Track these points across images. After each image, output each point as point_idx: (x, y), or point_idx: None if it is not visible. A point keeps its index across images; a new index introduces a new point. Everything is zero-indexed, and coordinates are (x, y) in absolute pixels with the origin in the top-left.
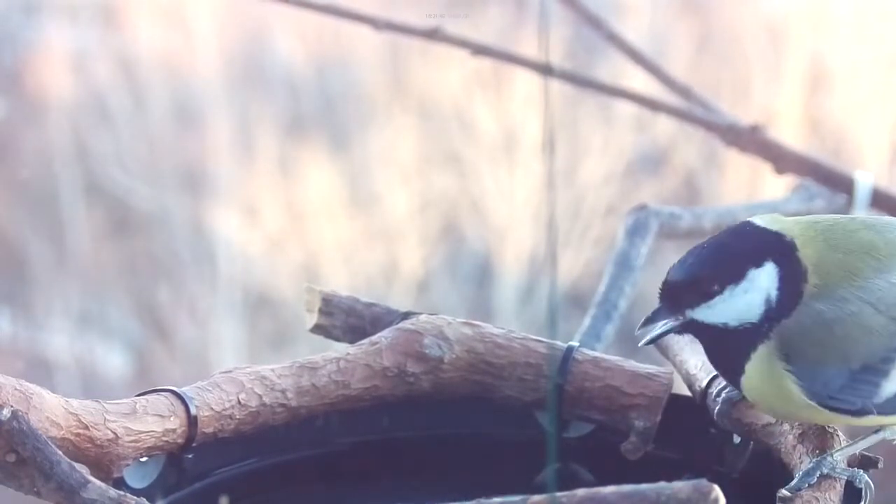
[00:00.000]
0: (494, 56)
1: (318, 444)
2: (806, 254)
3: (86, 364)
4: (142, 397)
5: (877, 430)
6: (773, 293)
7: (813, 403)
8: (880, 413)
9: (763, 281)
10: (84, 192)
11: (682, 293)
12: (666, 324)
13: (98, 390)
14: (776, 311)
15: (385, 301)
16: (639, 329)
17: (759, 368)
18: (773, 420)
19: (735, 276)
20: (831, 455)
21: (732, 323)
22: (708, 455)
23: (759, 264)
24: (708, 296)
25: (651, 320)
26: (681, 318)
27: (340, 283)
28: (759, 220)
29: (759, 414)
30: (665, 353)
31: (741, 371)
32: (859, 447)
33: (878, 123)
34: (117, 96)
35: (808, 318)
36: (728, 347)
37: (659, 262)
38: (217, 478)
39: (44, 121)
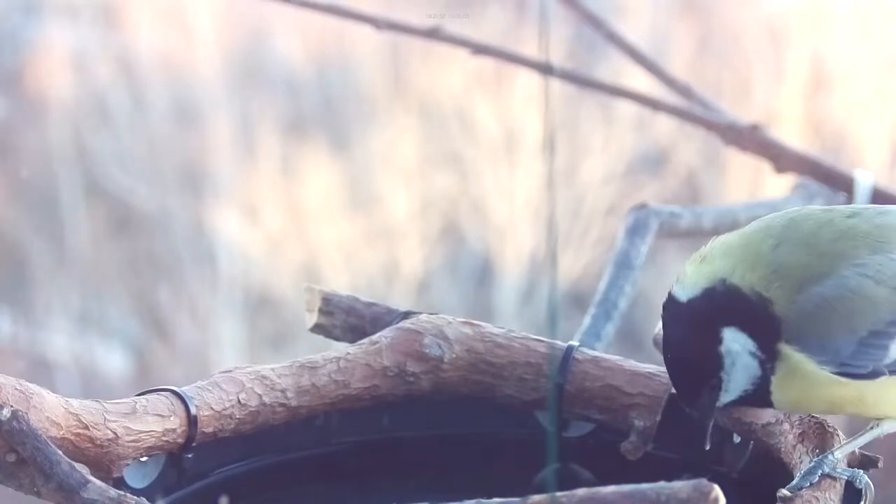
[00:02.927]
0: (495, 56)
1: (318, 444)
2: (752, 281)
3: (86, 364)
4: (142, 397)
5: (874, 425)
6: (751, 345)
7: (827, 372)
8: (892, 373)
9: (736, 346)
10: (84, 192)
11: (694, 398)
12: (707, 425)
13: (98, 390)
14: (769, 349)
15: (385, 301)
16: (708, 445)
17: (781, 373)
18: (773, 420)
19: (716, 363)
20: (832, 454)
21: (743, 393)
22: (708, 455)
23: (725, 337)
24: (716, 388)
25: (703, 433)
26: (710, 415)
27: (341, 283)
28: (681, 293)
29: (759, 413)
30: None
31: (769, 390)
32: (859, 443)
33: (879, 123)
34: (117, 96)
35: (809, 304)
36: (755, 401)
37: (659, 262)
38: (217, 478)
39: (44, 121)
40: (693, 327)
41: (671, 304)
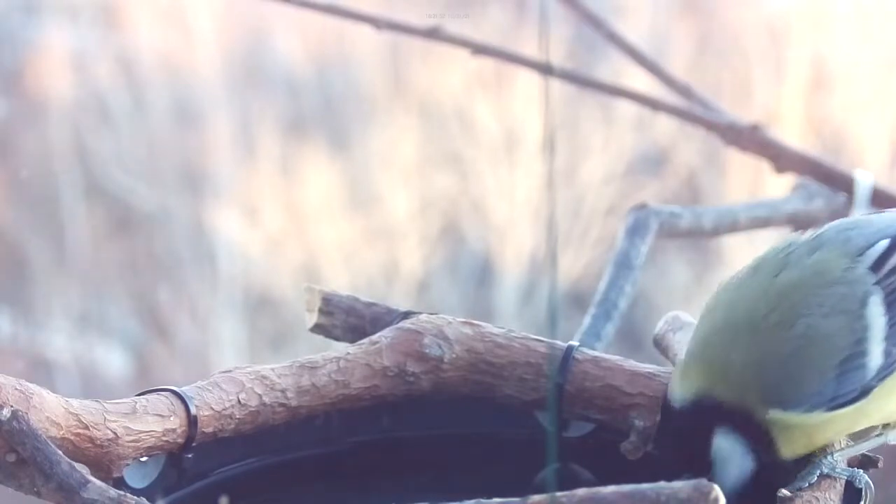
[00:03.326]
0: (495, 56)
1: (318, 444)
2: (727, 395)
3: (86, 364)
4: (142, 397)
5: (878, 433)
6: (740, 441)
7: (820, 412)
8: (881, 380)
9: (727, 450)
10: (84, 192)
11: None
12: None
13: (98, 390)
14: (755, 441)
15: (385, 301)
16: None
17: (779, 436)
18: None
19: (705, 462)
20: (831, 455)
21: (745, 478)
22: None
23: (708, 443)
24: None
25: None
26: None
27: (340, 283)
28: (674, 400)
29: None
30: (665, 352)
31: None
32: (860, 449)
33: (879, 123)
34: (117, 96)
35: (771, 374)
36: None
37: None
38: (217, 478)
39: (44, 121)
40: (684, 433)
41: (665, 408)
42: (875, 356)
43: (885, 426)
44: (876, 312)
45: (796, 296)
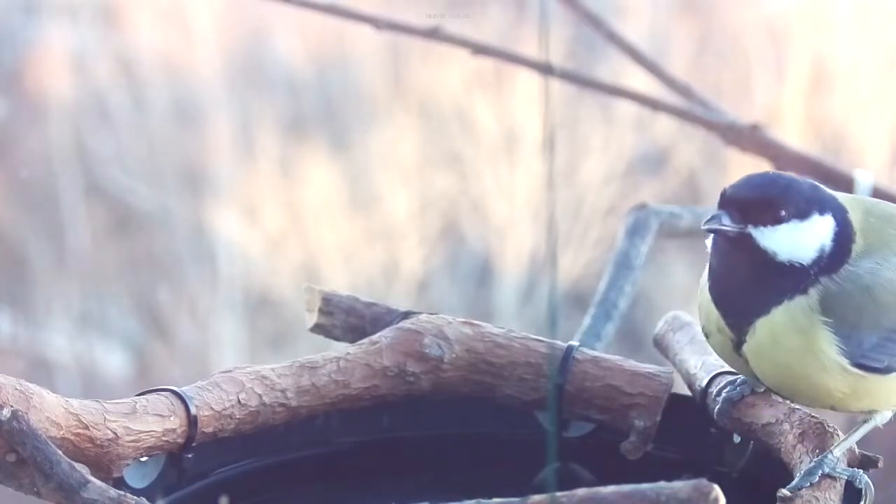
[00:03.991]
0: (495, 56)
1: (318, 444)
2: (855, 217)
3: (86, 364)
4: (142, 397)
5: (867, 419)
6: (828, 244)
7: (845, 362)
8: None
9: (822, 228)
10: (84, 192)
11: (751, 208)
12: (729, 226)
13: (98, 390)
14: (826, 263)
15: (385, 301)
16: (704, 223)
17: (789, 316)
18: (773, 420)
19: (803, 212)
20: (831, 453)
21: (782, 256)
22: (708, 455)
23: (822, 212)
24: (776, 220)
25: (715, 219)
26: (740, 227)
27: (340, 283)
28: (813, 182)
29: (759, 413)
30: (665, 352)
31: (763, 312)
32: (856, 437)
33: (879, 123)
34: (117, 96)
35: (850, 284)
36: (759, 282)
37: (659, 262)
38: (217, 478)
39: (44, 121)
40: (812, 188)
41: (804, 178)
42: None
43: (871, 413)
44: None
45: None
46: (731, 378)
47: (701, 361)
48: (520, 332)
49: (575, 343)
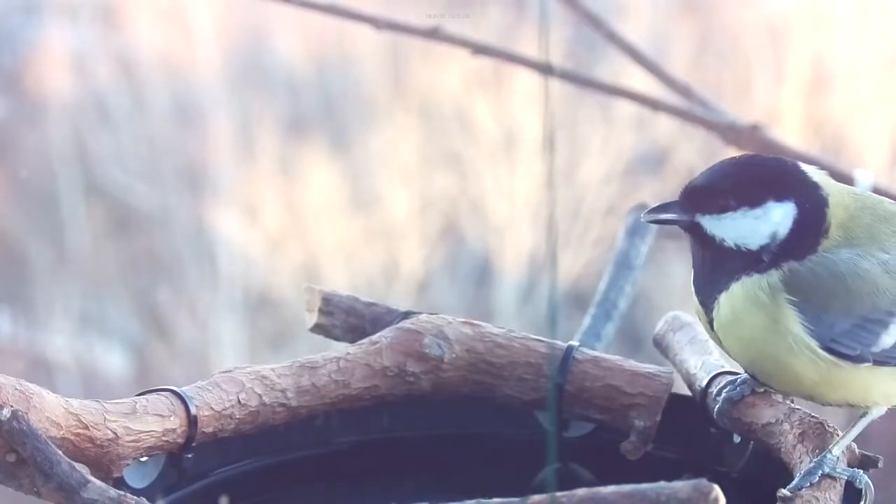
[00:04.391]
0: (495, 56)
1: (318, 444)
2: (835, 212)
3: (86, 364)
4: (142, 397)
5: (864, 413)
6: (782, 231)
7: (813, 343)
8: (875, 362)
9: (776, 216)
10: (84, 192)
11: (699, 197)
12: (674, 216)
13: (98, 390)
14: (779, 249)
15: (385, 301)
16: (647, 212)
17: (746, 291)
18: (773, 420)
19: (753, 200)
20: (830, 452)
21: (729, 242)
22: (708, 455)
23: (779, 199)
24: (721, 208)
25: (663, 209)
26: (688, 217)
27: (341, 283)
28: (805, 167)
29: (759, 413)
30: (665, 352)
31: (724, 288)
32: (854, 434)
33: (879, 123)
34: (117, 96)
35: (821, 268)
36: (717, 264)
37: (659, 262)
38: (217, 478)
39: (44, 121)
40: (782, 173)
41: (793, 162)
42: (891, 336)
43: (866, 408)
44: None
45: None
46: (731, 378)
47: (701, 361)
48: (520, 332)
49: (575, 343)
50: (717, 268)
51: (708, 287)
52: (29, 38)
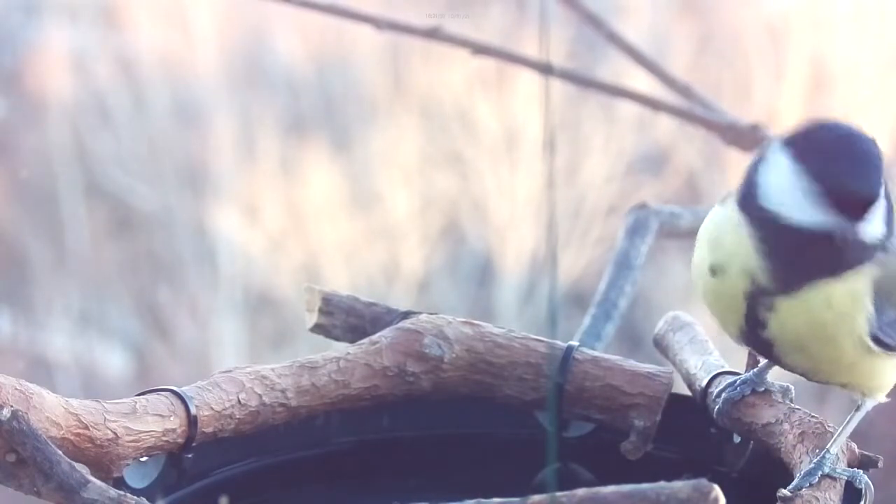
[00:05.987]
0: (495, 56)
1: (318, 444)
2: None
3: (86, 364)
4: (142, 397)
5: (858, 406)
6: (886, 220)
7: (866, 329)
8: None
9: (886, 202)
10: (84, 192)
11: (869, 205)
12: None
13: (98, 390)
14: (887, 235)
15: (385, 300)
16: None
17: (852, 284)
18: (773, 420)
19: (886, 191)
20: (829, 451)
21: (869, 237)
22: (708, 455)
23: (885, 184)
24: (874, 210)
25: (851, 229)
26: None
27: (341, 283)
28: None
29: (759, 413)
30: (665, 352)
31: (834, 275)
32: (851, 426)
33: (879, 123)
34: (117, 96)
35: (893, 257)
36: (843, 251)
37: (659, 262)
38: (217, 478)
39: (44, 121)
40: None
41: None
42: None
43: (862, 398)
44: None
45: None
46: (731, 378)
47: (701, 361)
48: (520, 332)
49: (575, 343)
50: (838, 253)
51: (808, 267)
52: (29, 38)
